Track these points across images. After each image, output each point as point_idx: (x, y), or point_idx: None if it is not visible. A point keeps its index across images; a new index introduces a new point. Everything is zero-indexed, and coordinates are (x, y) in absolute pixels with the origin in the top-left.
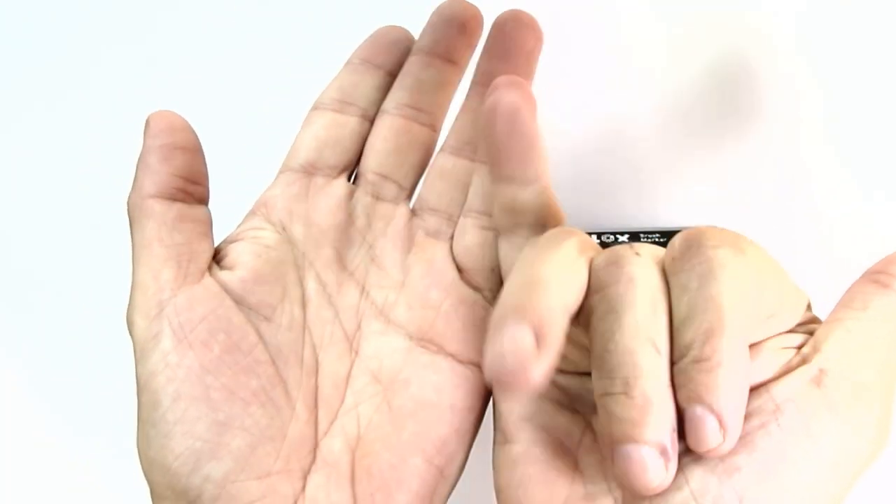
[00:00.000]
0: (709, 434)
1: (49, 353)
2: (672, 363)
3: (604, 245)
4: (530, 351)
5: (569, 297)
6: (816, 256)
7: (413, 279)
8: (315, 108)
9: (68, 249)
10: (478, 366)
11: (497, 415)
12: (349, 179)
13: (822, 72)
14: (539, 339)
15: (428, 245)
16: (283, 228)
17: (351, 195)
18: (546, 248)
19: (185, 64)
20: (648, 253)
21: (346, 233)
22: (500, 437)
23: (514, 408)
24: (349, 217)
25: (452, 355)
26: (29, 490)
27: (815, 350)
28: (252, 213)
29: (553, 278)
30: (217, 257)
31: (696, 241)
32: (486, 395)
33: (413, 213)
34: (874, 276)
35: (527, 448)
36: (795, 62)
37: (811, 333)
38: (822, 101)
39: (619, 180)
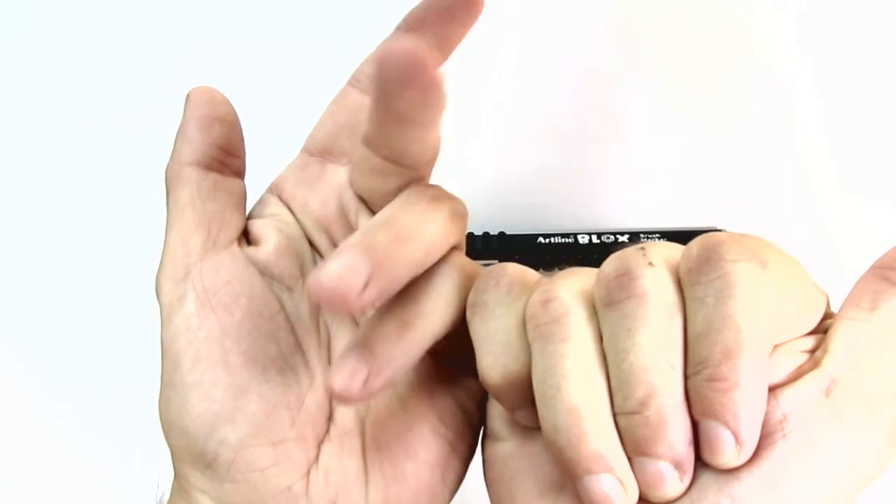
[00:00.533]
0: (725, 449)
1: (52, 350)
2: (686, 376)
3: (604, 245)
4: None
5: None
6: (815, 256)
7: None
8: (349, 82)
9: (67, 245)
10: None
11: (486, 413)
12: None
13: (822, 72)
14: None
15: None
16: (290, 210)
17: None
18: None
19: (212, 48)
20: (661, 259)
21: (338, 222)
22: (491, 433)
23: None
24: (340, 206)
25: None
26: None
27: (825, 352)
28: (268, 190)
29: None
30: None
31: (715, 253)
32: None
33: None
34: (882, 273)
35: (518, 444)
36: (796, 62)
37: (826, 331)
38: (823, 101)
39: (619, 180)
